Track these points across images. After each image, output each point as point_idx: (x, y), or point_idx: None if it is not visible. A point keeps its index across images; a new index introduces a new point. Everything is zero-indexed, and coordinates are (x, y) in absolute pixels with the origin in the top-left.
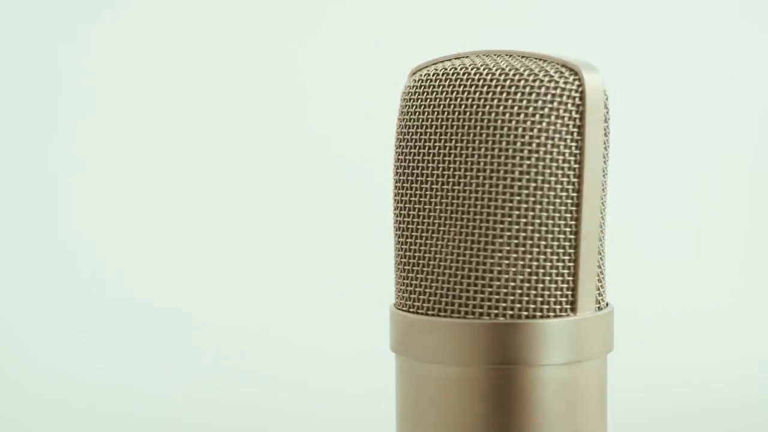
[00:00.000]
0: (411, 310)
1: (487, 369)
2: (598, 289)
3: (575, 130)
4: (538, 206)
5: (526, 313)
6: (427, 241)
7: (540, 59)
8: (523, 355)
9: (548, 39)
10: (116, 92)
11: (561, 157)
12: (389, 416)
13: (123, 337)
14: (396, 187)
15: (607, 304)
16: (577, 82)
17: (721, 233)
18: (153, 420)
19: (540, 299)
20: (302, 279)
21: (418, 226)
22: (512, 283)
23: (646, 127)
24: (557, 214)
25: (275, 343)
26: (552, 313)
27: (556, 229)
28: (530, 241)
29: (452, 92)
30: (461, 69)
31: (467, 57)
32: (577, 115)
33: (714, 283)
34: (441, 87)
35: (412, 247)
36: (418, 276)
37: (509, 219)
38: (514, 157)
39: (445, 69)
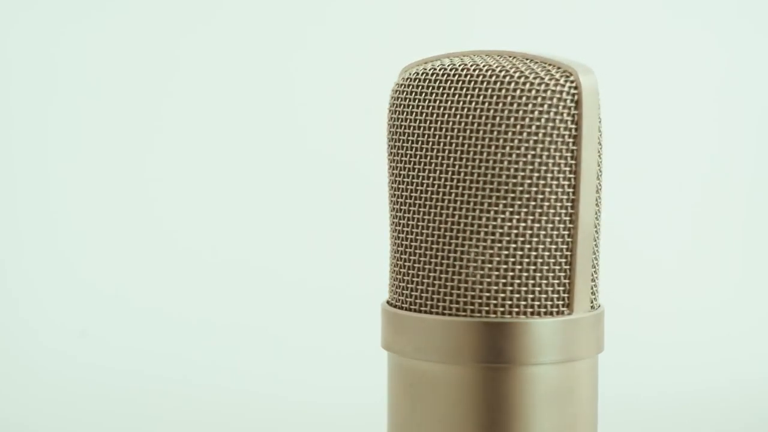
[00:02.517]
0: (403, 307)
1: (477, 367)
2: (592, 290)
3: (566, 133)
4: (532, 206)
5: (516, 311)
6: (418, 238)
7: (530, 60)
8: (513, 354)
9: (546, 39)
10: (114, 95)
11: (552, 161)
12: (385, 415)
13: (123, 338)
14: (390, 185)
15: (598, 305)
16: (571, 85)
17: (719, 233)
18: (152, 420)
19: (531, 297)
20: (300, 279)
21: (410, 222)
22: (503, 281)
23: (645, 126)
24: (551, 215)
25: (273, 342)
26: (543, 311)
27: (552, 229)
28: (521, 239)
29: (443, 91)
30: (451, 68)
31: (458, 57)
32: (569, 119)
33: (713, 283)
34: (431, 86)
35: (404, 243)
36: (410, 273)
37: (501, 217)
38: (504, 158)
39: (435, 68)
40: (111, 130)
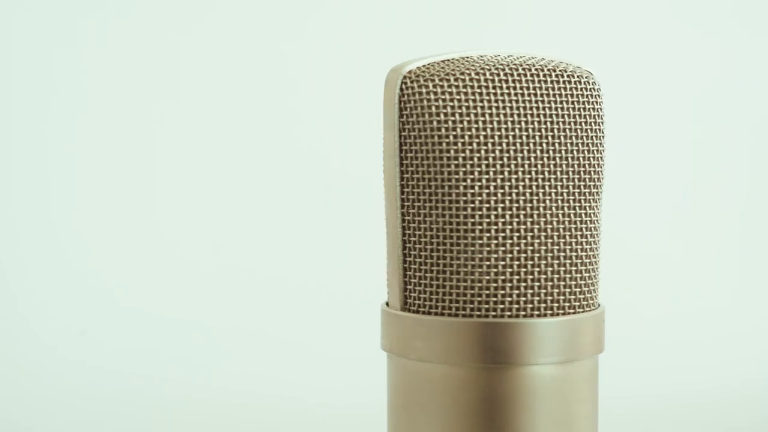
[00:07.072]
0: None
1: (477, 368)
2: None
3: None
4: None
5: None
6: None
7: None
8: (513, 355)
9: (544, 40)
10: (113, 96)
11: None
12: (384, 416)
13: (122, 339)
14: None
15: (598, 305)
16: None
17: (719, 233)
18: (152, 420)
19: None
20: (298, 280)
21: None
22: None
23: (643, 127)
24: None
25: (272, 344)
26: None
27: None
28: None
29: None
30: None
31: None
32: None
33: (712, 283)
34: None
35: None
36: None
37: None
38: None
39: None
40: (111, 132)
